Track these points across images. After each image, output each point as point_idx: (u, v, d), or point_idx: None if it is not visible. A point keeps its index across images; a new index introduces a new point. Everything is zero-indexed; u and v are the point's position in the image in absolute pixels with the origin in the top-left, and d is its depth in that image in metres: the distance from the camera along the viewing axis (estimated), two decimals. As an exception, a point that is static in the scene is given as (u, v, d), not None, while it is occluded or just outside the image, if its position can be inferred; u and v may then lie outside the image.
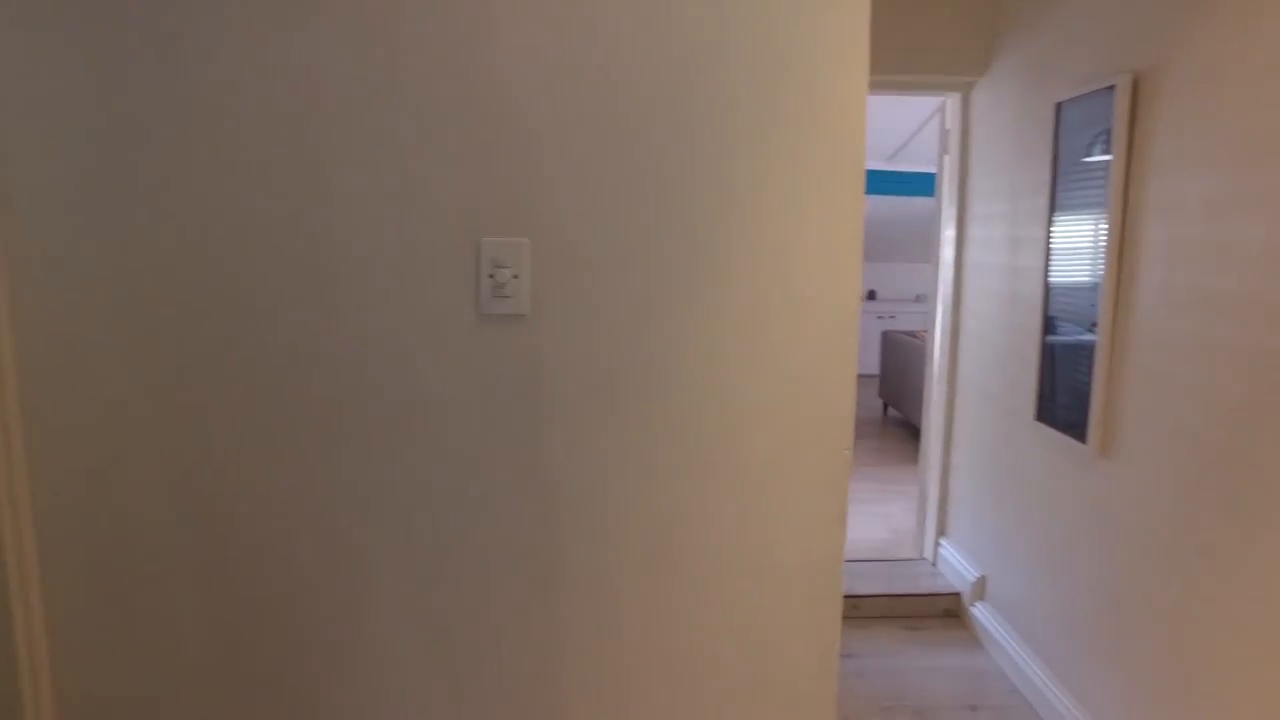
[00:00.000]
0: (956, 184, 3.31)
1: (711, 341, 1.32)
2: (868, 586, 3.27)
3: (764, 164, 1.29)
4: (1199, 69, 1.87)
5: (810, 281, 1.31)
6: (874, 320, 8.29)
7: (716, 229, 1.31)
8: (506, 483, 1.34)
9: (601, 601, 1.38)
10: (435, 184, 1.28)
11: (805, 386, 1.33)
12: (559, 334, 1.32)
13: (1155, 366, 2.01)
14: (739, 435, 1.34)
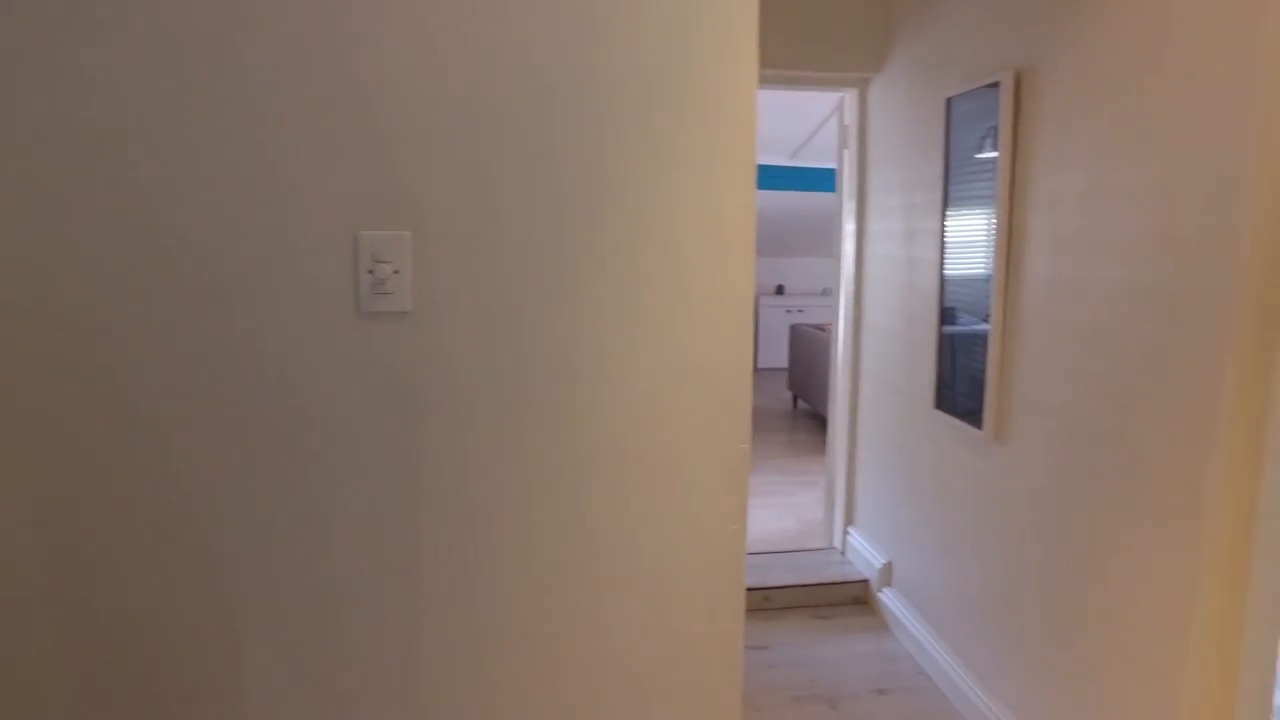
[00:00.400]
0: (855, 178, 3.37)
1: (605, 336, 1.28)
2: (778, 578, 3.30)
3: (654, 154, 1.26)
4: (1074, 67, 1.94)
5: (704, 272, 1.28)
6: (783, 314, 8.44)
7: (607, 220, 1.26)
8: (392, 488, 1.27)
9: (498, 607, 1.32)
10: (310, 175, 1.20)
11: (702, 380, 1.30)
12: (445, 332, 1.25)
13: (1043, 354, 2.08)
14: (636, 432, 1.30)
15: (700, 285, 1.28)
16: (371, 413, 1.25)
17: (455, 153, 1.22)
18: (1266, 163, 1.45)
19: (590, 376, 1.28)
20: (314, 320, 1.23)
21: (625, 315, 1.28)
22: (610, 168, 1.25)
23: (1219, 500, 1.55)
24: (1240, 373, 1.51)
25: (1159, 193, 1.67)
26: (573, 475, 1.30)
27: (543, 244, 1.25)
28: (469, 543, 1.29)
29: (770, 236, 8.13)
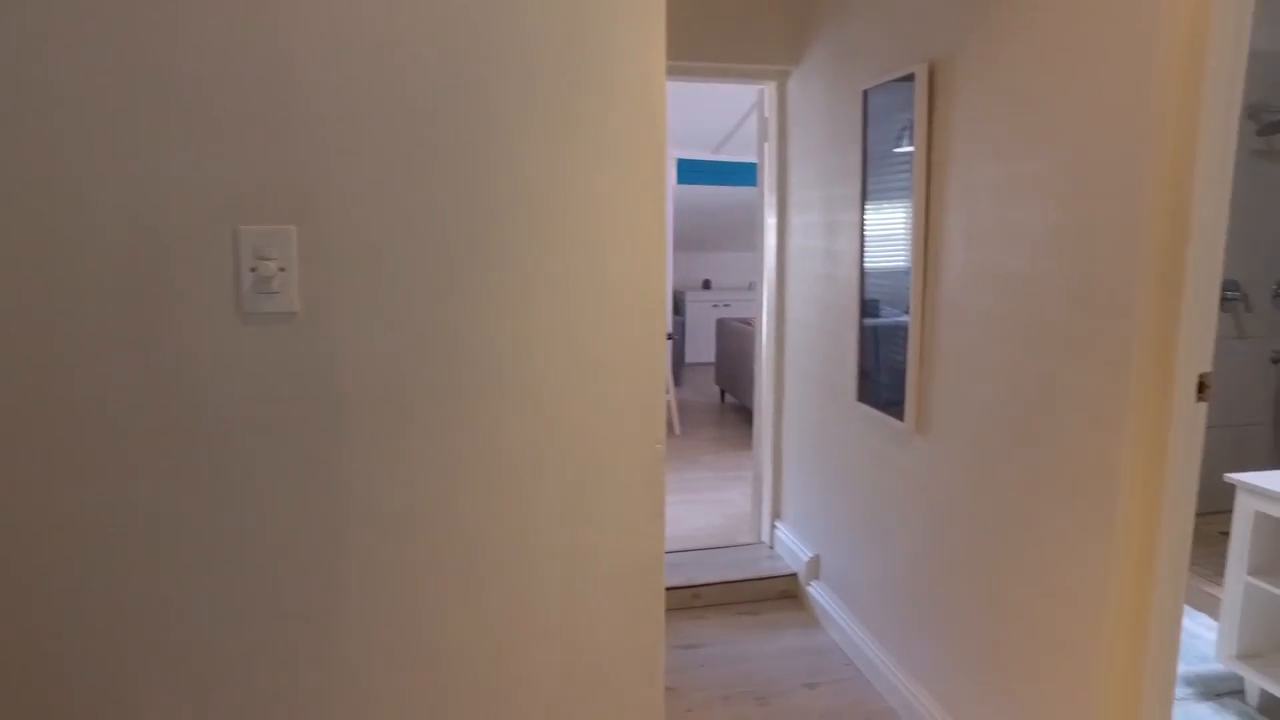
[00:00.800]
0: (776, 172, 3.36)
1: (510, 334, 1.20)
2: (707, 575, 3.27)
3: (563, 145, 1.19)
4: (985, 58, 1.95)
5: (614, 266, 1.22)
6: (709, 309, 8.46)
7: (515, 213, 1.19)
8: (282, 503, 1.17)
9: (403, 625, 1.23)
10: (184, 163, 1.09)
11: (614, 378, 1.24)
12: (338, 333, 1.16)
13: (960, 345, 2.09)
14: (546, 434, 1.23)
15: (610, 279, 1.22)
16: (258, 421, 1.15)
17: (354, 142, 1.13)
18: (1164, 151, 1.47)
19: (495, 377, 1.21)
20: (190, 323, 1.12)
21: (531, 312, 1.20)
22: (513, 158, 1.18)
23: (1130, 485, 1.57)
24: (1146, 359, 1.53)
25: (1067, 182, 1.69)
26: (479, 482, 1.22)
27: (442, 240, 1.17)
28: (368, 558, 1.20)
29: (696, 231, 8.14)
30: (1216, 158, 1.46)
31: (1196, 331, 1.49)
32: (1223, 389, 3.23)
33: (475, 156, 1.16)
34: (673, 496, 4.48)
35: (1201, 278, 1.48)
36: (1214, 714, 2.46)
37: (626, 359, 1.24)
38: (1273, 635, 2.50)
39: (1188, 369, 1.49)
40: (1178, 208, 1.48)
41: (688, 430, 6.03)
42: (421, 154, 1.15)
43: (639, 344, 1.23)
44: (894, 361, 2.41)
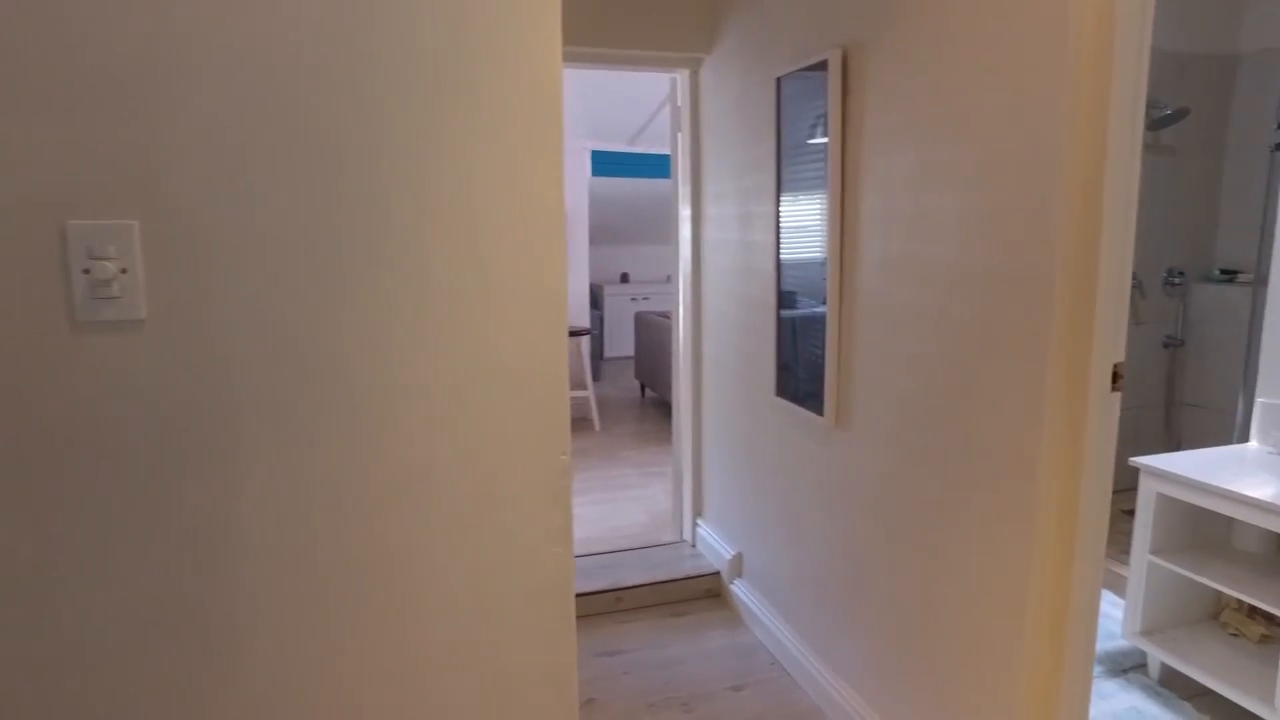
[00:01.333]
0: (690, 162, 3.29)
1: (397, 339, 1.08)
2: (630, 577, 3.18)
3: (453, 130, 1.07)
4: (899, 44, 1.91)
5: (510, 264, 1.11)
6: (628, 302, 8.38)
7: (400, 206, 1.06)
8: (135, 537, 1.01)
9: (279, 669, 1.09)
10: (0, 148, 0.92)
11: (513, 384, 1.13)
12: (195, 343, 1.01)
13: (879, 337, 2.06)
14: (439, 447, 1.11)
15: (506, 278, 1.11)
16: (102, 445, 0.99)
17: (212, 126, 0.98)
18: (1078, 138, 1.45)
19: (382, 386, 1.08)
20: (10, 335, 0.95)
21: (419, 315, 1.08)
22: (397, 146, 1.05)
23: (1048, 476, 1.55)
24: (1062, 349, 1.51)
25: (982, 171, 1.66)
26: (366, 502, 1.10)
27: (318, 236, 1.04)
28: (241, 595, 1.06)
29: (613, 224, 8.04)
30: (1125, 147, 1.45)
31: (1111, 321, 1.47)
32: (1123, 373, 3.33)
33: (355, 143, 1.03)
34: (594, 495, 4.39)
35: (1114, 268, 1.46)
36: (1120, 690, 2.52)
37: (526, 363, 1.13)
38: (1173, 611, 2.58)
39: (1103, 359, 1.47)
40: (1091, 197, 1.46)
41: (608, 426, 5.94)
42: (294, 140, 1.01)
43: (540, 346, 1.12)
44: (812, 355, 2.37)
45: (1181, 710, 2.40)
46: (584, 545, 3.59)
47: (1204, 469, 2.38)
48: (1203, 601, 2.63)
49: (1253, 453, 2.56)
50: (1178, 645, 2.48)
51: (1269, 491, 2.19)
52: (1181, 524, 2.52)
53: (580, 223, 6.14)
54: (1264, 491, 2.19)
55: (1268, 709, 2.18)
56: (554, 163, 1.12)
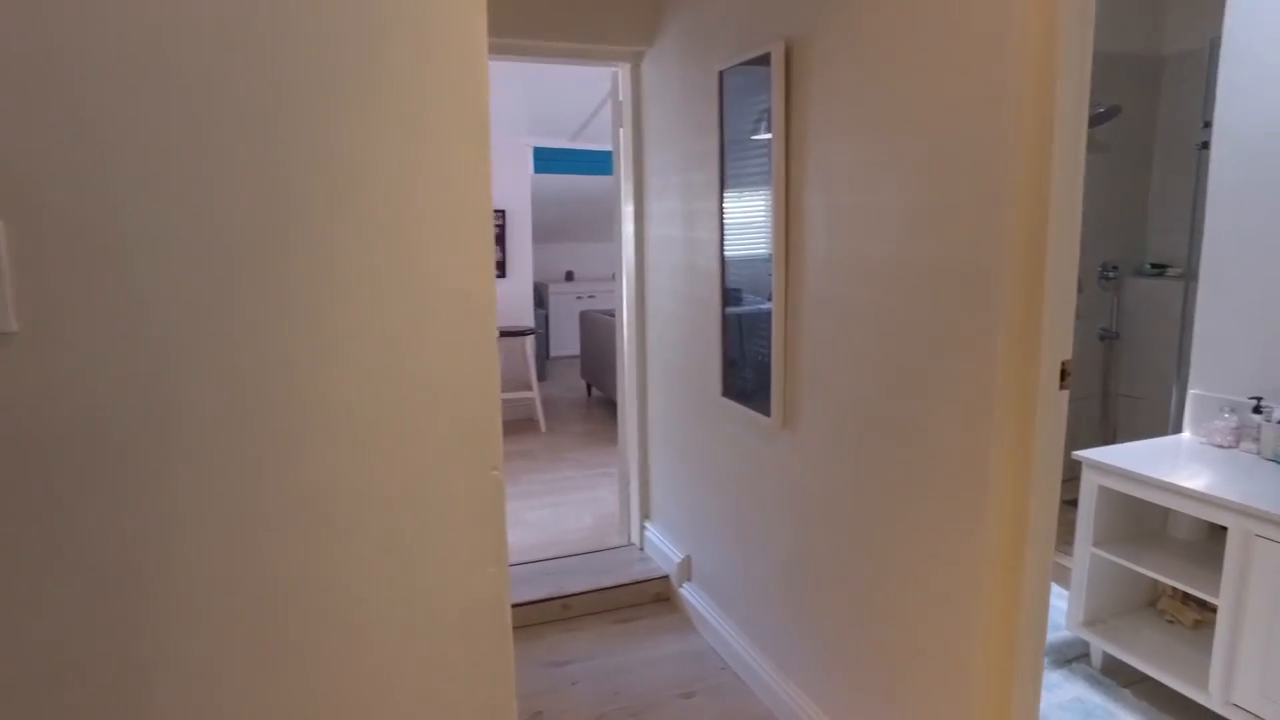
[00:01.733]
0: (633, 158, 3.23)
1: (309, 351, 0.99)
2: (577, 584, 3.11)
3: (367, 122, 0.98)
4: (843, 37, 1.87)
5: (434, 269, 1.03)
6: (573, 301, 8.29)
7: (311, 204, 0.97)
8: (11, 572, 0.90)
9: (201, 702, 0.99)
10: None
11: (439, 398, 1.05)
12: (79, 356, 0.90)
13: (825, 336, 2.02)
14: (360, 467, 1.03)
15: (429, 284, 1.02)
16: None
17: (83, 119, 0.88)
18: (1024, 133, 1.43)
19: (293, 403, 0.99)
20: None
21: (335, 322, 0.99)
22: (303, 146, 0.96)
23: (998, 475, 1.53)
24: (1010, 347, 1.49)
25: (928, 166, 1.63)
26: (279, 529, 1.00)
27: (219, 236, 0.94)
28: (135, 635, 0.96)
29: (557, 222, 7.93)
30: (1071, 141, 1.43)
31: (1058, 318, 1.45)
32: (1061, 366, 3.38)
33: (252, 141, 0.94)
34: (539, 499, 4.30)
35: (1061, 265, 1.44)
36: (1065, 680, 2.54)
37: (453, 373, 1.05)
38: (1113, 601, 2.61)
39: (1051, 357, 1.45)
40: (1037, 193, 1.44)
41: (554, 427, 5.85)
42: (183, 136, 0.91)
43: (467, 355, 1.05)
44: (758, 355, 2.32)
45: (1121, 698, 2.43)
46: (529, 552, 3.50)
47: (1142, 461, 2.41)
48: (1141, 590, 2.67)
49: (1186, 443, 2.61)
50: (1118, 634, 2.51)
51: (1202, 482, 2.22)
52: (1121, 515, 2.55)
53: (523, 221, 6.02)
54: (1197, 482, 2.22)
55: (1201, 693, 2.21)
56: (480, 160, 1.04)
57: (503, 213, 5.90)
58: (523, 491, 4.44)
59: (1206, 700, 2.20)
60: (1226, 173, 2.58)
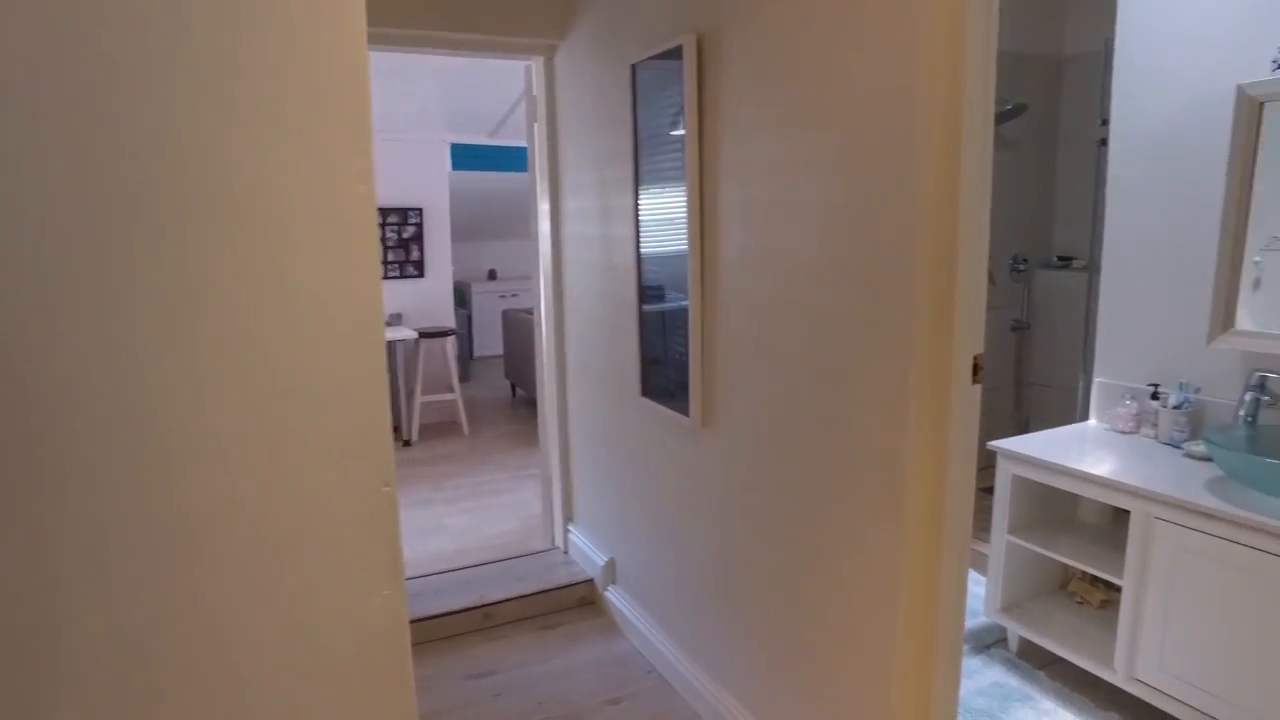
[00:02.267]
0: (547, 154, 3.15)
1: (175, 363, 0.89)
2: (499, 591, 3.03)
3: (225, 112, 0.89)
4: (755, 29, 1.84)
5: (312, 271, 0.94)
6: (496, 300, 8.16)
7: (156, 201, 0.87)
8: None
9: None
10: None
11: (322, 409, 0.97)
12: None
13: (743, 334, 1.99)
14: (233, 486, 0.94)
15: (305, 286, 0.94)
16: None
17: None
18: (933, 129, 1.42)
19: (156, 419, 0.89)
20: None
21: (193, 332, 0.90)
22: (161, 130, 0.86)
23: (914, 472, 1.52)
24: (924, 342, 1.48)
25: (841, 162, 1.61)
26: (145, 557, 0.91)
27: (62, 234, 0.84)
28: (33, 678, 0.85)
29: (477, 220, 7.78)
30: (978, 138, 1.43)
31: (970, 313, 1.45)
32: (975, 357, 3.46)
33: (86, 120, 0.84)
34: (463, 504, 4.19)
35: (972, 261, 1.44)
36: (984, 666, 2.59)
37: (335, 382, 0.96)
38: (1028, 585, 2.68)
39: (963, 351, 1.45)
40: (947, 189, 1.43)
41: (478, 429, 5.73)
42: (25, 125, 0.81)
43: (352, 365, 0.97)
44: (676, 354, 2.29)
45: (1036, 680, 2.49)
46: (451, 559, 3.40)
47: (1051, 449, 2.47)
48: (1054, 574, 2.74)
49: (1092, 430, 2.69)
50: (1032, 618, 2.58)
51: (1106, 468, 2.29)
52: (1034, 502, 2.61)
53: (442, 219, 5.87)
54: (1102, 468, 2.28)
55: (1108, 670, 2.28)
56: (360, 151, 0.96)
57: (420, 211, 5.74)
58: (445, 497, 4.32)
59: (1112, 677, 2.27)
60: (1123, 169, 2.66)
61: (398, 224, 5.68)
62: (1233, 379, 2.41)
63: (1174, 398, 2.49)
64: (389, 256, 5.67)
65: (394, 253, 5.68)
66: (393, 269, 5.69)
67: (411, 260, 5.74)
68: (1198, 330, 2.48)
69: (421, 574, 3.23)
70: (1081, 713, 2.32)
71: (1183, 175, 2.49)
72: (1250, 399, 2.26)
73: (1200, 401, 2.49)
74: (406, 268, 5.73)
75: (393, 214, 5.65)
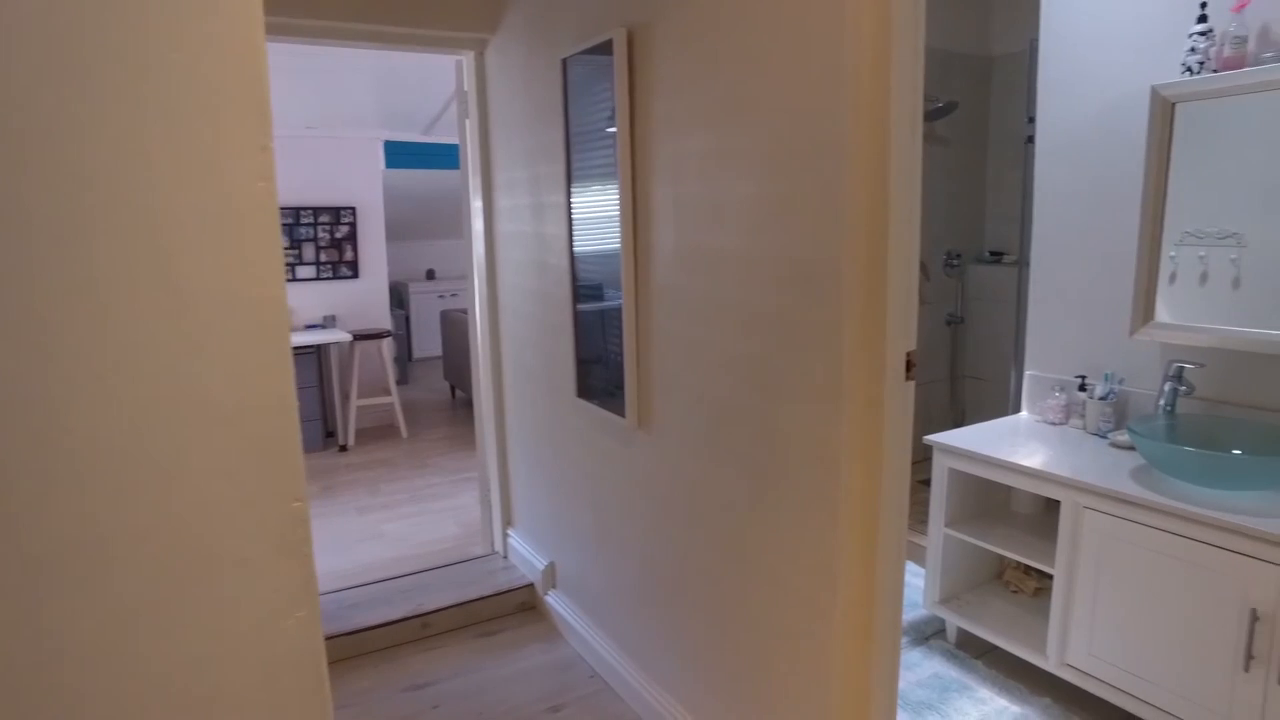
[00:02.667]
0: (479, 151, 3.08)
1: (49, 374, 0.82)
2: (436, 599, 2.95)
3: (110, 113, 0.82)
4: (685, 22, 1.81)
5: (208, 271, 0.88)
6: (435, 300, 8.00)
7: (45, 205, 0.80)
8: None
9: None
10: None
11: (221, 421, 0.90)
12: None
13: (677, 331, 1.97)
14: (123, 507, 0.87)
15: (202, 289, 0.87)
16: None
17: None
18: (862, 125, 1.41)
19: (35, 431, 0.82)
20: None
21: (74, 342, 0.83)
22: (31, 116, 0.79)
23: (850, 470, 1.52)
24: (856, 340, 1.47)
25: (771, 158, 1.59)
26: (24, 586, 0.83)
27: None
28: None
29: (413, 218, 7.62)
30: (908, 130, 1.42)
31: (902, 310, 1.45)
32: (910, 352, 3.51)
33: None
34: (400, 510, 4.08)
35: (902, 259, 1.44)
36: (924, 658, 2.62)
37: (238, 393, 0.90)
38: (965, 577, 2.72)
39: (896, 349, 1.45)
40: (877, 186, 1.42)
41: (417, 432, 5.60)
42: None
43: (253, 373, 0.90)
44: (612, 354, 2.25)
45: (973, 669, 2.53)
46: (388, 568, 3.30)
47: (985, 442, 2.51)
48: (989, 564, 2.79)
49: (1024, 422, 2.75)
50: (969, 609, 2.61)
51: (1038, 460, 2.33)
52: (970, 494, 2.65)
53: (376, 218, 5.72)
54: (1034, 460, 2.33)
55: (1040, 657, 2.33)
56: (259, 146, 0.90)
57: (353, 210, 5.58)
58: (382, 503, 4.21)
59: (1044, 663, 2.32)
60: (1049, 167, 2.72)
61: (330, 224, 5.51)
62: (1154, 370, 2.48)
63: (1100, 389, 2.55)
64: (321, 257, 5.50)
65: (326, 253, 5.52)
66: (325, 270, 5.52)
67: (345, 261, 5.58)
68: (1121, 323, 2.55)
69: (358, 584, 3.13)
70: (1016, 700, 2.36)
71: (1105, 173, 2.55)
72: (1169, 389, 2.33)
73: (1124, 392, 2.56)
74: (340, 268, 5.57)
75: (324, 213, 5.49)
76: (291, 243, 5.40)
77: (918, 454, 3.07)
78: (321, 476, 4.69)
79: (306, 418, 5.13)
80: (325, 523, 3.94)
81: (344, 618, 2.84)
